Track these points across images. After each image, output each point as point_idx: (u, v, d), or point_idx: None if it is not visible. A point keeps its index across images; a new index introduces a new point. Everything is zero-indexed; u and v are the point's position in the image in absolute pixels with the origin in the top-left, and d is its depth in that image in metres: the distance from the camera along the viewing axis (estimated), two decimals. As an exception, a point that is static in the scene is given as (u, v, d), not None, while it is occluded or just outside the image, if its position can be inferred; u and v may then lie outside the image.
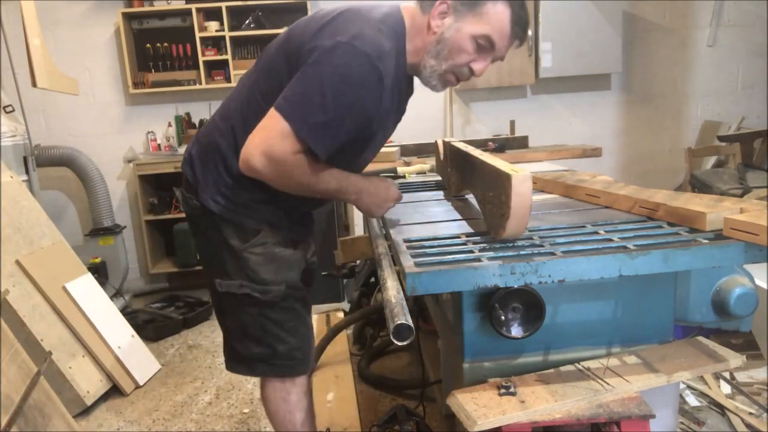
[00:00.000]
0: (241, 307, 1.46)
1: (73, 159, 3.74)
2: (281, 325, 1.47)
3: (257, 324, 1.46)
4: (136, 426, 2.45)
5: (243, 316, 1.47)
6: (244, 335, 1.49)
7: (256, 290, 1.42)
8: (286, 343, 1.48)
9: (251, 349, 1.49)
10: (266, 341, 1.47)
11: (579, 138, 4.23)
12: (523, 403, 1.10)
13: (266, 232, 1.42)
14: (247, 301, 1.44)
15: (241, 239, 1.41)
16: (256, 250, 1.42)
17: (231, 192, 1.39)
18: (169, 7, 3.82)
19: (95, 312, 2.76)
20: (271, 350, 1.48)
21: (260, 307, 1.44)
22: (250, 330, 1.47)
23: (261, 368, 1.51)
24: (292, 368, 1.52)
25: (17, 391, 1.67)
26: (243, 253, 1.42)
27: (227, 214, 1.40)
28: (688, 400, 2.19)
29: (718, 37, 4.20)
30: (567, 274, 1.05)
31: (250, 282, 1.42)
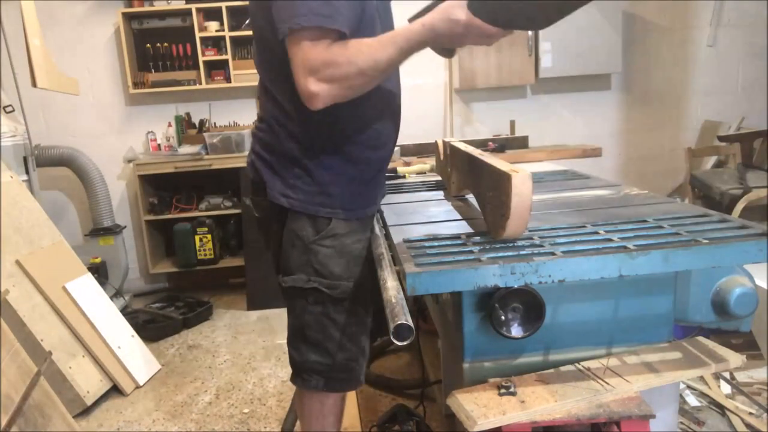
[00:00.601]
0: (305, 306, 1.40)
1: (73, 159, 3.74)
2: (343, 330, 1.40)
3: (319, 325, 1.40)
4: (136, 426, 2.45)
5: (305, 317, 1.41)
6: (303, 339, 1.43)
7: (324, 285, 1.36)
8: (346, 350, 1.42)
9: (308, 356, 1.42)
10: (325, 346, 1.41)
11: (579, 138, 4.23)
12: (523, 403, 1.10)
13: (337, 222, 1.37)
14: (312, 299, 1.39)
15: (312, 230, 1.36)
16: (326, 242, 1.36)
17: (299, 181, 1.35)
18: (169, 7, 3.82)
19: (95, 312, 2.77)
20: (328, 358, 1.42)
21: (324, 305, 1.39)
22: (310, 332, 1.41)
23: (315, 380, 1.44)
24: (347, 382, 1.46)
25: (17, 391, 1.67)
26: (313, 246, 1.36)
27: (298, 205, 1.36)
28: (688, 400, 2.19)
29: (718, 37, 4.20)
30: (567, 274, 1.05)
31: (318, 276, 1.37)
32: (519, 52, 3.85)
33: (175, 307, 3.64)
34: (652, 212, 1.39)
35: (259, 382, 2.75)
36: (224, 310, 3.77)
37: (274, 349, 3.10)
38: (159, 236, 4.13)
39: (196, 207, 3.97)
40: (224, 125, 4.08)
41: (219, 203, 3.93)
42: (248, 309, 3.74)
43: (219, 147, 3.82)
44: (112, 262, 3.73)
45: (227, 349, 3.16)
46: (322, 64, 1.14)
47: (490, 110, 4.21)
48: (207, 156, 3.81)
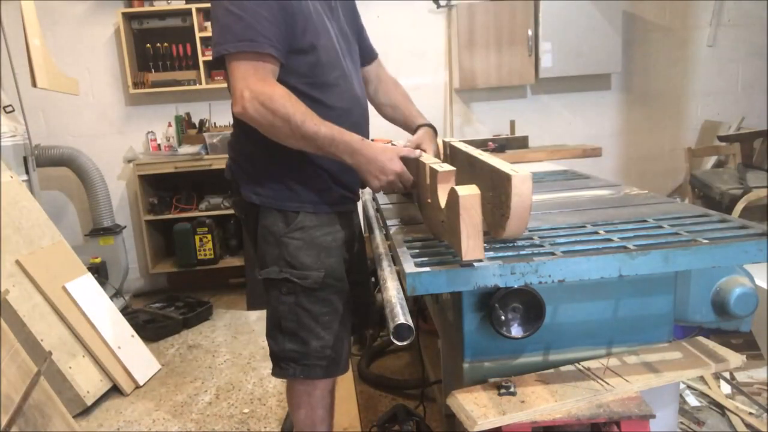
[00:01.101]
0: (278, 297, 1.47)
1: (73, 159, 3.74)
2: (316, 318, 1.46)
3: (293, 315, 1.46)
4: (136, 426, 2.45)
5: (280, 307, 1.47)
6: (279, 329, 1.49)
7: (295, 275, 1.43)
8: (320, 338, 1.47)
9: (284, 345, 1.49)
10: (300, 335, 1.47)
11: (579, 138, 4.23)
12: (523, 403, 1.10)
13: (305, 215, 1.45)
14: (285, 289, 1.45)
15: (283, 224, 1.45)
16: (296, 235, 1.44)
17: (267, 179, 1.45)
18: (169, 7, 3.82)
19: (95, 312, 2.77)
20: (304, 347, 1.47)
21: (297, 295, 1.45)
22: (285, 322, 1.47)
23: (292, 369, 1.50)
24: (324, 369, 1.50)
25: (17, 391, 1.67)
26: (283, 239, 1.44)
27: (268, 201, 1.45)
28: (688, 400, 2.19)
29: (718, 37, 4.20)
30: (567, 274, 1.05)
31: (289, 267, 1.44)
32: (519, 52, 3.85)
33: (175, 307, 3.64)
34: (652, 212, 1.39)
35: (259, 382, 2.75)
36: (224, 310, 3.77)
37: (274, 349, 3.10)
38: (159, 236, 4.13)
39: (196, 207, 3.97)
40: (224, 125, 4.08)
41: (219, 203, 3.93)
42: (248, 309, 3.75)
43: (219, 147, 3.82)
44: (112, 262, 3.73)
45: (227, 349, 3.16)
46: (260, 92, 1.27)
47: (490, 110, 4.21)
48: (207, 156, 3.81)
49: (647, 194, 1.64)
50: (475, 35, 3.83)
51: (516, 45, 3.84)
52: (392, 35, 3.96)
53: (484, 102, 4.21)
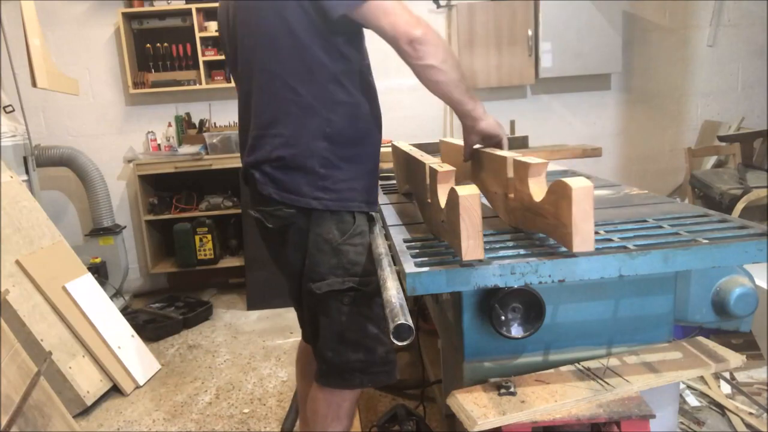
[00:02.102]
0: (339, 307, 1.41)
1: (73, 159, 3.74)
2: (378, 324, 1.43)
3: (355, 325, 1.41)
4: (136, 426, 2.45)
5: (341, 318, 1.41)
6: (341, 341, 1.43)
7: (358, 283, 1.39)
8: (384, 343, 1.44)
9: (348, 356, 1.43)
10: (365, 344, 1.43)
11: (579, 138, 4.23)
12: (523, 403, 1.10)
13: (360, 219, 1.41)
14: (347, 299, 1.40)
15: (338, 232, 1.39)
16: (355, 241, 1.40)
17: (328, 181, 1.37)
18: (169, 7, 3.82)
19: (95, 312, 2.77)
20: (369, 355, 1.43)
21: (359, 305, 1.41)
22: (348, 334, 1.42)
23: (358, 378, 1.45)
24: (389, 374, 1.47)
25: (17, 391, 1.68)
26: (342, 247, 1.39)
27: (333, 205, 1.38)
28: (688, 400, 2.19)
29: (718, 37, 4.20)
30: (567, 274, 1.05)
31: (351, 276, 1.39)
32: (519, 52, 3.85)
33: (175, 307, 3.64)
34: (652, 212, 1.39)
35: (259, 382, 2.75)
36: (224, 310, 3.77)
37: (274, 349, 3.11)
38: (159, 236, 4.13)
39: (196, 207, 3.97)
40: (224, 125, 4.08)
41: (219, 203, 3.93)
42: (248, 309, 3.75)
43: (219, 147, 3.82)
44: (112, 262, 3.73)
45: (227, 349, 3.16)
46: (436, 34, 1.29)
47: (490, 110, 4.14)
48: (207, 156, 3.81)
49: (647, 194, 1.64)
50: (475, 35, 3.83)
51: (516, 45, 3.84)
52: (392, 35, 3.95)
53: (484, 102, 4.16)
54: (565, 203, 0.97)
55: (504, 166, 1.22)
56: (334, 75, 1.34)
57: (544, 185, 1.09)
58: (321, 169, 1.36)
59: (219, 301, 3.94)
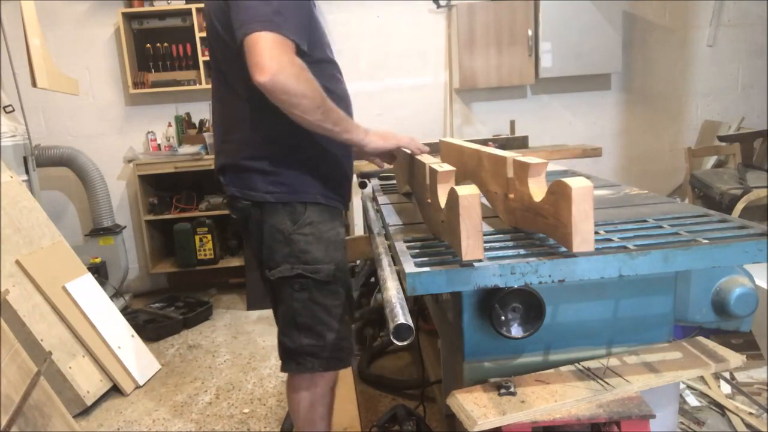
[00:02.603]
0: (291, 294, 1.49)
1: (73, 159, 3.74)
2: (329, 311, 1.50)
3: (307, 311, 1.49)
4: (136, 426, 2.45)
5: (293, 304, 1.50)
6: (294, 326, 1.51)
7: (308, 270, 1.46)
8: (334, 330, 1.51)
9: (301, 340, 1.51)
10: (316, 329, 1.50)
11: (579, 138, 4.23)
12: (523, 403, 1.10)
13: (312, 209, 1.48)
14: (298, 286, 1.48)
15: (291, 221, 1.47)
16: (305, 230, 1.47)
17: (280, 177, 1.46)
18: (169, 7, 3.82)
19: (95, 312, 2.77)
20: (320, 340, 1.50)
21: (310, 290, 1.48)
22: (300, 318, 1.50)
23: (310, 363, 1.52)
24: (341, 360, 1.54)
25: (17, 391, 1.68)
26: (293, 236, 1.46)
27: (284, 197, 1.47)
28: (688, 400, 2.19)
29: (718, 37, 4.20)
30: (567, 274, 1.05)
31: (301, 263, 1.46)
32: (519, 52, 3.85)
33: (175, 307, 3.64)
34: (652, 212, 1.39)
35: (259, 382, 2.75)
36: (224, 310, 3.77)
37: (274, 349, 3.11)
38: (159, 236, 4.13)
39: (196, 207, 3.97)
40: (224, 125, 4.08)
41: (219, 203, 3.93)
42: (248, 309, 3.75)
43: (219, 147, 3.81)
44: (112, 262, 3.73)
45: (227, 349, 3.16)
46: (291, 60, 1.26)
47: (490, 110, 4.21)
48: (207, 156, 3.81)
49: (647, 194, 1.64)
50: (475, 35, 3.83)
51: (516, 45, 3.84)
52: (392, 35, 3.95)
53: (484, 102, 4.21)
54: (565, 203, 0.97)
55: (504, 166, 1.22)
56: None
57: (544, 185, 1.09)
58: (271, 167, 1.46)
59: (219, 301, 3.94)
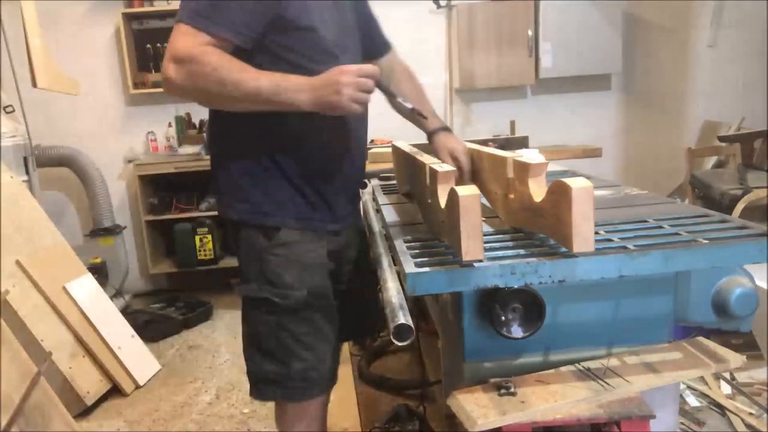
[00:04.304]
0: (257, 315, 1.39)
1: (73, 159, 3.74)
2: (297, 339, 1.36)
3: (272, 336, 1.36)
4: (136, 426, 2.45)
5: (258, 327, 1.39)
6: (257, 350, 1.40)
7: (276, 294, 1.34)
8: (303, 360, 1.37)
9: (263, 366, 1.39)
10: (280, 357, 1.37)
11: (579, 138, 4.23)
12: (523, 403, 1.10)
13: (288, 231, 1.34)
14: (265, 308, 1.36)
15: (265, 238, 1.35)
16: (278, 251, 1.34)
17: (243, 193, 1.35)
18: (169, 7, 3.82)
19: (95, 312, 2.76)
20: (285, 369, 1.37)
21: (278, 315, 1.35)
22: (264, 344, 1.38)
23: (271, 391, 1.41)
24: (305, 391, 1.40)
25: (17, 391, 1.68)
26: (264, 254, 1.35)
27: (246, 217, 1.36)
28: (688, 401, 2.19)
29: (718, 37, 4.20)
30: (567, 274, 1.05)
31: (269, 285, 1.35)
32: (519, 52, 3.85)
33: (175, 308, 3.64)
34: (652, 212, 1.38)
35: (259, 383, 2.75)
36: (224, 311, 3.77)
37: (274, 350, 3.10)
38: (159, 236, 4.13)
39: (196, 207, 3.96)
40: (224, 125, 4.08)
41: (219, 203, 3.93)
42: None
43: (219, 147, 3.81)
44: (112, 263, 3.73)
45: (227, 349, 3.16)
46: (186, 56, 1.17)
47: (490, 110, 4.21)
48: (207, 156, 3.80)
49: (647, 194, 1.64)
50: (475, 35, 3.83)
51: (516, 45, 3.84)
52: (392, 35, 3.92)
53: (484, 102, 4.21)
54: (565, 203, 0.97)
55: (504, 166, 1.22)
56: None
57: (544, 185, 1.09)
58: (239, 182, 1.35)
59: (219, 301, 3.94)
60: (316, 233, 1.39)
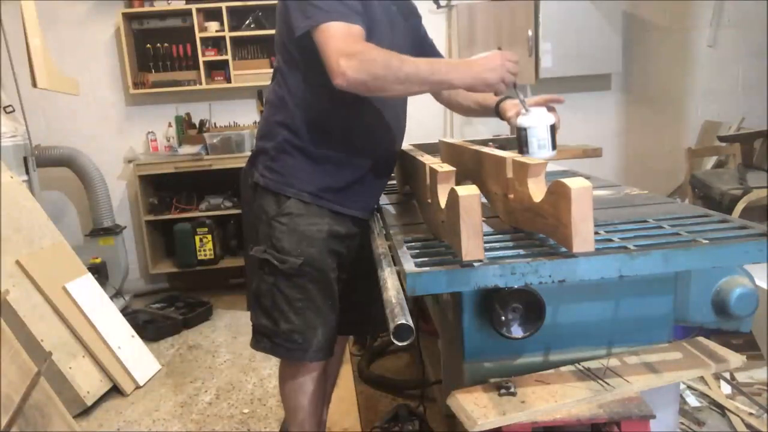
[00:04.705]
0: (260, 274, 1.54)
1: (73, 159, 3.74)
2: (289, 302, 1.52)
3: (269, 294, 1.53)
4: (136, 426, 2.45)
5: (260, 284, 1.55)
6: (257, 303, 1.57)
7: (275, 257, 1.50)
8: (290, 322, 1.52)
9: (259, 319, 1.57)
10: (272, 315, 1.54)
11: (579, 138, 4.22)
12: (523, 403, 1.10)
13: (294, 202, 1.50)
14: (267, 269, 1.52)
15: (275, 206, 1.52)
16: (282, 219, 1.50)
17: (276, 165, 1.52)
18: (169, 7, 3.82)
19: (95, 312, 2.76)
20: (274, 326, 1.54)
21: (276, 276, 1.51)
22: (262, 299, 1.55)
23: (263, 342, 1.57)
24: (290, 351, 1.55)
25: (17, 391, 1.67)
26: (272, 221, 1.51)
27: (272, 185, 1.52)
28: (688, 401, 2.19)
29: (718, 37, 4.19)
30: (567, 274, 1.05)
31: (273, 249, 1.50)
32: (519, 52, 3.85)
33: (175, 308, 3.64)
34: (652, 212, 1.39)
35: (259, 383, 2.75)
36: (224, 310, 3.77)
37: (274, 350, 3.10)
38: (159, 236, 4.13)
39: (196, 207, 3.96)
40: (224, 125, 4.08)
41: (219, 203, 3.93)
42: (248, 309, 3.73)
43: (219, 147, 3.82)
44: (112, 263, 3.73)
45: (227, 350, 3.16)
46: (354, 51, 1.29)
47: (490, 110, 4.20)
48: (207, 156, 3.81)
49: (647, 194, 1.64)
50: (475, 35, 3.83)
51: (516, 45, 3.84)
52: (392, 35, 3.95)
53: (484, 102, 4.20)
54: (565, 203, 0.97)
55: (503, 167, 1.22)
56: (305, 75, 1.47)
57: (544, 185, 1.09)
58: (273, 152, 1.52)
59: (219, 301, 3.94)
60: (320, 210, 1.52)
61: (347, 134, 1.51)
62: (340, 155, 1.51)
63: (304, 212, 1.50)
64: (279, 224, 1.50)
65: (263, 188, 1.54)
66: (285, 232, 1.50)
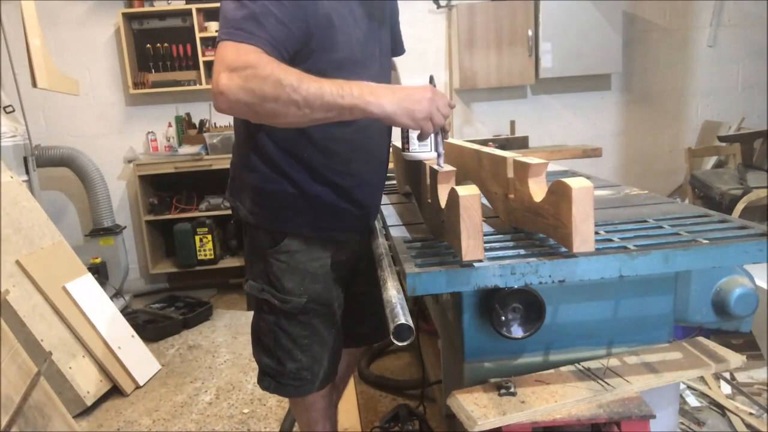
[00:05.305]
0: (260, 312, 1.44)
1: (73, 159, 3.74)
2: (294, 340, 1.42)
3: (271, 334, 1.42)
4: (136, 426, 2.45)
5: (260, 323, 1.45)
6: (258, 342, 1.47)
7: (276, 297, 1.38)
8: (297, 361, 1.43)
9: (261, 357, 1.47)
10: (276, 354, 1.43)
11: (579, 138, 4.23)
12: (523, 404, 1.10)
13: (292, 238, 1.37)
14: (266, 308, 1.42)
15: (270, 241, 1.38)
16: (280, 257, 1.37)
17: (263, 199, 1.37)
18: (169, 7, 3.82)
19: (95, 312, 2.77)
20: (279, 365, 1.44)
21: (277, 316, 1.41)
22: (263, 337, 1.45)
23: (267, 382, 1.48)
24: (298, 389, 1.46)
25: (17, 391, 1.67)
26: (269, 258, 1.38)
27: (263, 223, 1.38)
28: (688, 401, 2.19)
29: (718, 37, 4.20)
30: (567, 274, 1.05)
31: (271, 288, 1.39)
32: (519, 52, 3.85)
33: (175, 308, 3.64)
34: (652, 212, 1.39)
35: (259, 383, 2.75)
36: (224, 310, 3.77)
37: (274, 350, 3.10)
38: (159, 236, 4.13)
39: (196, 207, 3.97)
40: (224, 125, 4.08)
41: (219, 203, 3.93)
42: (248, 309, 3.74)
43: (219, 147, 3.82)
44: (112, 263, 3.73)
45: (227, 349, 3.16)
46: (242, 64, 1.05)
47: (490, 110, 4.21)
48: (207, 156, 3.81)
49: (647, 194, 1.64)
50: (475, 35, 3.83)
51: (516, 45, 3.84)
52: (392, 35, 3.95)
53: (484, 102, 4.21)
54: (565, 203, 0.97)
55: (504, 167, 1.22)
56: None
57: (544, 185, 1.09)
58: (258, 184, 1.36)
59: (219, 301, 3.94)
60: (322, 243, 1.40)
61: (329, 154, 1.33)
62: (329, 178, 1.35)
63: (305, 248, 1.38)
64: (277, 261, 1.37)
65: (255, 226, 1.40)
66: (285, 270, 1.37)
